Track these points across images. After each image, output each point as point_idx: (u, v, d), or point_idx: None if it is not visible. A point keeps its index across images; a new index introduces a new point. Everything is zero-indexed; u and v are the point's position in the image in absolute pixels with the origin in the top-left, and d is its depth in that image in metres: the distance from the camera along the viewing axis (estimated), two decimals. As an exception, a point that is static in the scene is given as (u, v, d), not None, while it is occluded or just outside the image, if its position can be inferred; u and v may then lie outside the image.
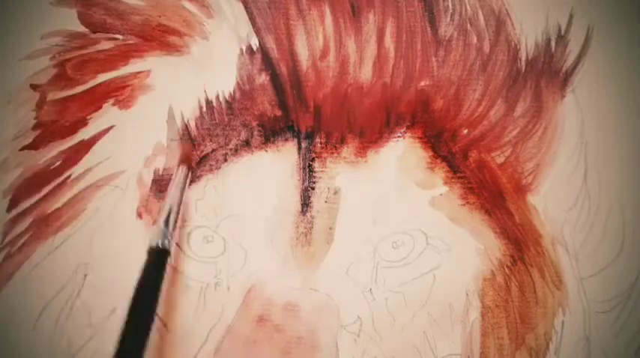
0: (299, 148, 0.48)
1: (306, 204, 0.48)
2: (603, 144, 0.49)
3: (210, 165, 0.48)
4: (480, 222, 0.48)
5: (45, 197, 0.48)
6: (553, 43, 0.49)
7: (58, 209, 0.48)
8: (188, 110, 0.48)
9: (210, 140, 0.48)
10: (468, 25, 0.48)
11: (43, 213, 0.48)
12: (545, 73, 0.49)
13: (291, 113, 0.47)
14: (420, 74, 0.48)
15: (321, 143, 0.48)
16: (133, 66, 0.48)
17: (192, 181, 0.48)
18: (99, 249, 0.48)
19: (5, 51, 0.48)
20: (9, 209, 0.48)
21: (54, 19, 0.49)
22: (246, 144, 0.48)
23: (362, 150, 0.48)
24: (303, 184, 0.48)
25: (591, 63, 0.49)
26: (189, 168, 0.48)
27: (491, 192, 0.48)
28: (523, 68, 0.48)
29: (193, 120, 0.48)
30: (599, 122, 0.49)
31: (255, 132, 0.48)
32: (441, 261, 0.48)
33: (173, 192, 0.46)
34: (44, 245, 0.48)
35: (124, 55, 0.48)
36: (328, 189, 0.48)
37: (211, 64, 0.48)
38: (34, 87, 0.48)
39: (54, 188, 0.48)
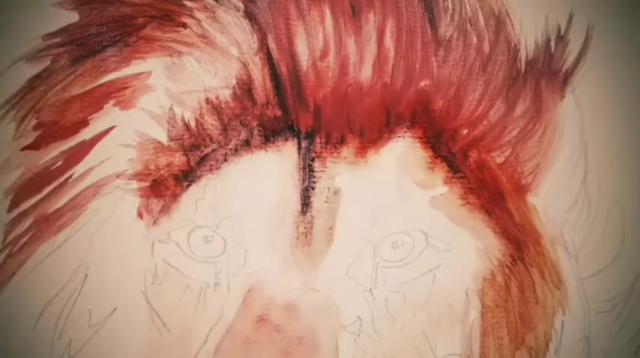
0: (299, 148, 0.48)
1: (306, 204, 0.48)
2: (603, 144, 0.49)
3: (210, 165, 0.48)
4: (480, 222, 0.48)
5: (46, 197, 0.48)
6: (553, 44, 0.49)
7: (59, 209, 0.48)
8: (189, 110, 0.48)
9: (211, 140, 0.48)
10: (468, 25, 0.48)
11: (45, 213, 0.48)
12: (545, 73, 0.49)
13: (291, 113, 0.48)
14: (420, 74, 0.48)
15: (321, 143, 0.48)
16: (135, 67, 0.48)
17: (192, 181, 0.48)
18: (99, 249, 0.48)
19: (6, 51, 0.49)
20: (10, 209, 0.48)
21: (55, 20, 0.49)
22: (246, 144, 0.48)
23: (362, 150, 0.48)
24: (303, 184, 0.48)
25: (591, 63, 0.49)
26: None
27: (491, 192, 0.48)
28: (523, 68, 0.48)
29: (194, 121, 0.48)
30: (598, 122, 0.49)
31: (255, 132, 0.48)
32: (440, 261, 0.48)
33: None
34: (45, 245, 0.48)
35: (126, 56, 0.49)
36: (328, 189, 0.48)
37: (211, 65, 0.48)
38: (35, 87, 0.48)
39: (55, 188, 0.48)
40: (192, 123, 0.48)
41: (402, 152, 0.48)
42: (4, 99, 0.48)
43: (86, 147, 0.48)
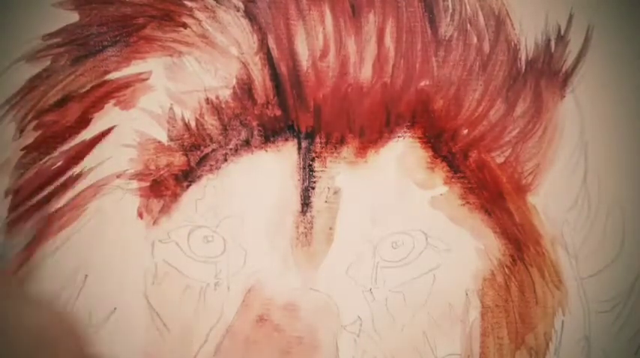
0: (299, 148, 0.48)
1: (306, 204, 0.48)
2: (603, 144, 0.49)
3: (210, 165, 0.48)
4: (480, 222, 0.48)
5: (46, 197, 0.48)
6: (553, 44, 0.49)
7: (60, 209, 0.48)
8: (189, 110, 0.48)
9: (211, 140, 0.48)
10: (468, 25, 0.48)
11: (45, 214, 0.48)
12: (545, 74, 0.49)
13: (291, 113, 0.48)
14: (420, 74, 0.48)
15: (321, 143, 0.48)
16: (135, 67, 0.48)
17: (192, 181, 0.48)
18: (100, 249, 0.48)
19: (6, 51, 0.49)
20: (10, 209, 0.48)
21: (55, 20, 0.49)
22: (246, 144, 0.48)
23: (362, 150, 0.48)
24: (303, 184, 0.48)
25: (591, 63, 0.49)
26: None
27: (491, 192, 0.48)
28: (523, 68, 0.48)
29: (194, 121, 0.48)
30: (598, 122, 0.49)
31: (255, 132, 0.48)
32: (440, 261, 0.48)
33: None
34: (46, 245, 0.48)
35: (126, 56, 0.49)
36: (328, 189, 0.48)
37: (212, 65, 0.48)
38: (35, 87, 0.49)
39: (55, 188, 0.48)
40: (193, 123, 0.48)
41: (402, 152, 0.48)
42: (4, 99, 0.48)
43: (86, 147, 0.48)
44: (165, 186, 0.48)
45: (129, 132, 0.48)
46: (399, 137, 0.48)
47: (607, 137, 0.49)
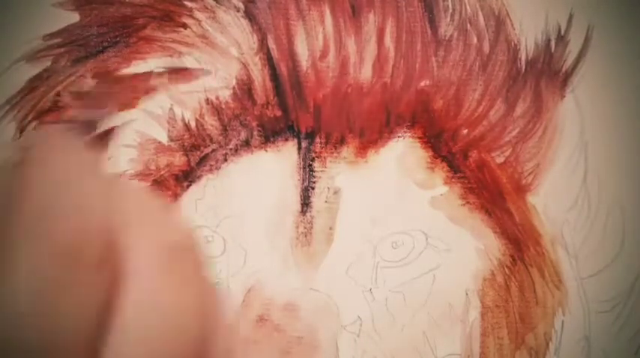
0: (299, 148, 0.48)
1: (306, 204, 0.48)
2: (603, 145, 0.49)
3: (210, 165, 0.48)
4: (480, 222, 0.48)
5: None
6: (553, 43, 0.49)
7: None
8: (189, 111, 0.48)
9: (211, 140, 0.48)
10: (468, 25, 0.48)
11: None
12: (545, 73, 0.49)
13: (291, 113, 0.48)
14: (420, 74, 0.48)
15: (321, 143, 0.48)
16: (135, 67, 0.48)
17: (192, 181, 0.48)
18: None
19: (6, 51, 0.49)
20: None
21: (56, 20, 0.49)
22: (246, 144, 0.48)
23: (362, 150, 0.48)
24: (303, 184, 0.48)
25: (591, 63, 0.49)
26: None
27: (491, 192, 0.48)
28: (523, 68, 0.48)
29: (194, 121, 0.48)
30: (598, 122, 0.49)
31: (255, 132, 0.48)
32: (440, 261, 0.48)
33: None
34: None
35: (126, 56, 0.49)
36: (328, 189, 0.48)
37: (212, 65, 0.48)
38: (35, 88, 0.49)
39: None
40: (193, 124, 0.48)
41: (402, 152, 0.48)
42: (5, 100, 0.48)
43: (87, 147, 0.48)
44: (165, 186, 0.48)
45: (129, 133, 0.48)
46: (399, 137, 0.48)
47: (607, 137, 0.49)
